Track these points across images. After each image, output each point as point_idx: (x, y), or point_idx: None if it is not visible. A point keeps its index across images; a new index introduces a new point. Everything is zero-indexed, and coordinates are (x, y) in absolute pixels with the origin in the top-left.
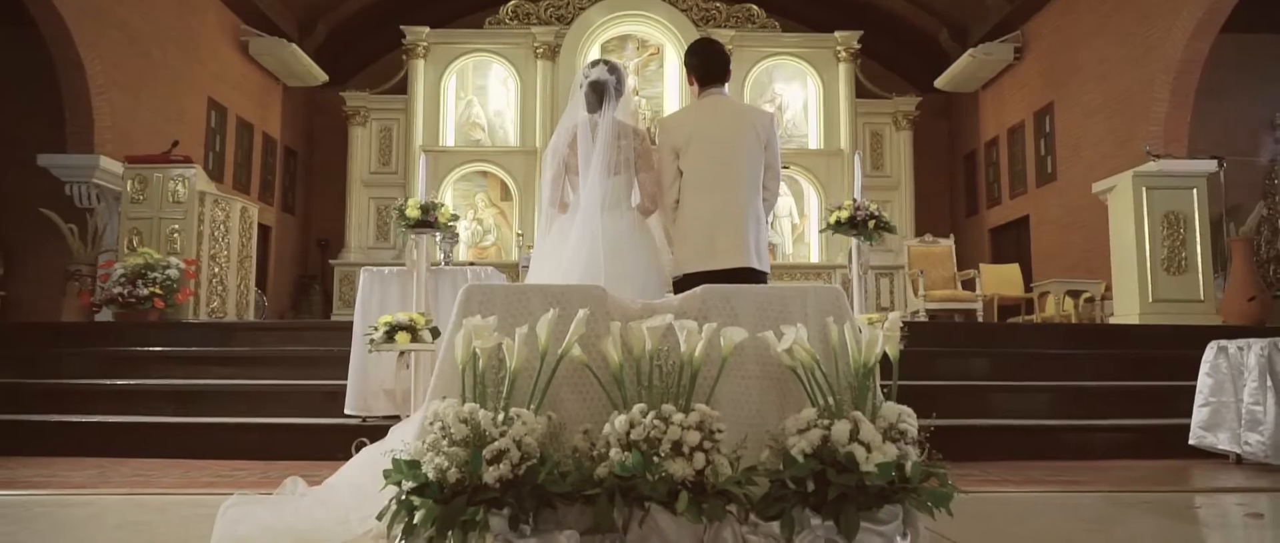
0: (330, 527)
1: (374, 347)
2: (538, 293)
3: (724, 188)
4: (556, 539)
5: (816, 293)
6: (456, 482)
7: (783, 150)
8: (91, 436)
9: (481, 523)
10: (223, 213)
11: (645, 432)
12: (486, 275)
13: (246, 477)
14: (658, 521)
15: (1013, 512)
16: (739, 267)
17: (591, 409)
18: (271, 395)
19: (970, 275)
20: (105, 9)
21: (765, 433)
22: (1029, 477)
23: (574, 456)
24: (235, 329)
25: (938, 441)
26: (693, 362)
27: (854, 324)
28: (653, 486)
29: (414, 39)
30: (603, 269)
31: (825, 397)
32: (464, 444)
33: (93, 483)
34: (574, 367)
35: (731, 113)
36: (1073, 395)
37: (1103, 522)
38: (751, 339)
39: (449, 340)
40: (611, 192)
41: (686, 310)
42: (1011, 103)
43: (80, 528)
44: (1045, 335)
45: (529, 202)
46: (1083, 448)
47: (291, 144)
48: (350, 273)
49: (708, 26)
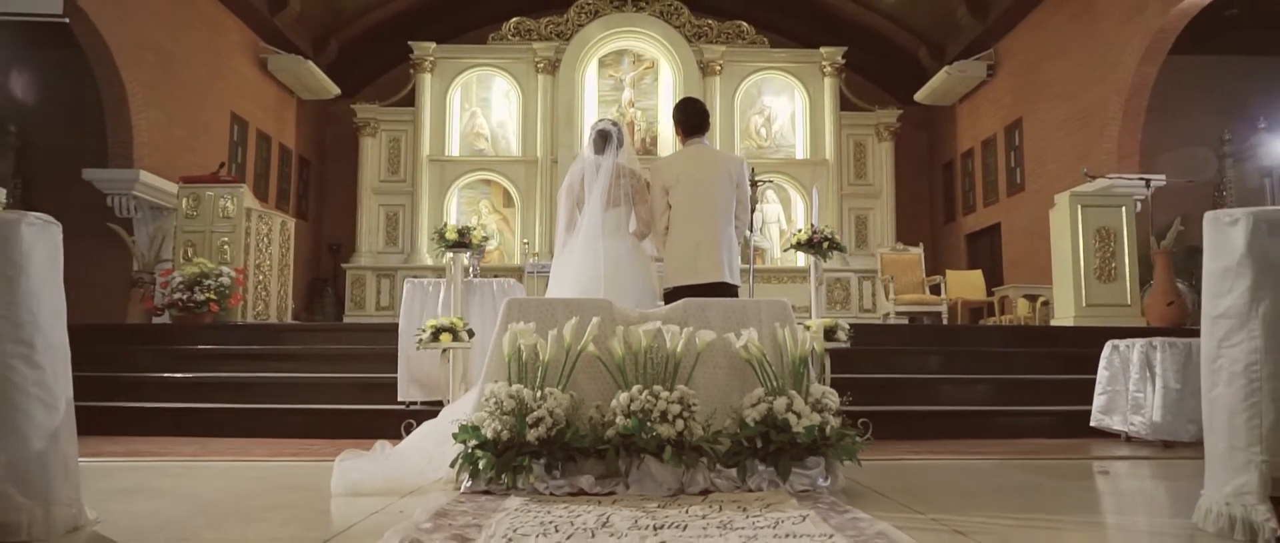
0: (411, 475)
1: (422, 345)
2: (562, 305)
3: (704, 219)
4: (579, 481)
5: (769, 305)
6: (507, 440)
7: (772, 160)
8: (166, 420)
9: (526, 468)
10: (266, 227)
11: (640, 404)
12: (509, 286)
13: (322, 448)
14: (650, 467)
15: (922, 469)
16: (716, 281)
17: (601, 389)
18: (312, 386)
19: (937, 281)
20: (143, 34)
21: (728, 406)
22: (955, 449)
23: (590, 422)
24: (280, 330)
25: (895, 424)
26: (675, 355)
27: (793, 329)
28: (646, 442)
29: (421, 54)
30: (603, 283)
31: (770, 380)
32: (512, 413)
33: (201, 452)
34: (589, 358)
35: (710, 159)
36: (1008, 386)
37: (985, 474)
38: (719, 339)
39: (496, 340)
40: (611, 220)
41: (671, 317)
42: (985, 116)
43: (223, 478)
44: (990, 335)
45: (530, 208)
46: (1012, 429)
47: (305, 154)
48: (361, 276)
49: (700, 42)
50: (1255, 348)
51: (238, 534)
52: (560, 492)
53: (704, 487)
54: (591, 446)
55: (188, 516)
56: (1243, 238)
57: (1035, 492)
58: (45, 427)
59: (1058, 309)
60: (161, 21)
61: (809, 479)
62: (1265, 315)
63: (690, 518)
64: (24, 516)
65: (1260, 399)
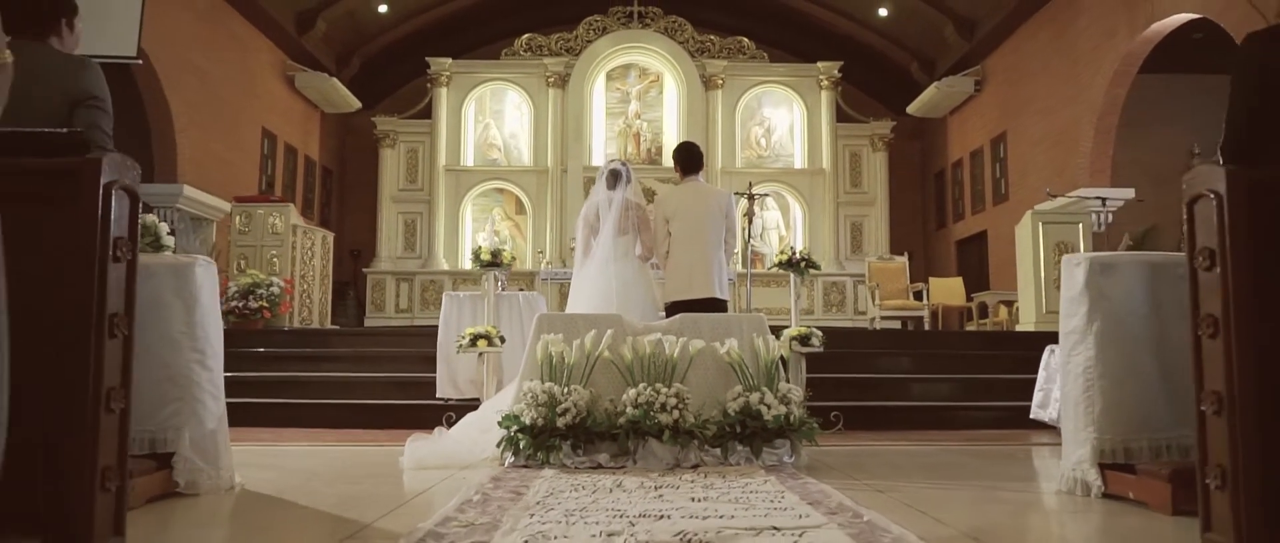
0: (464, 454)
1: (462, 349)
2: (582, 320)
3: (698, 245)
4: (597, 458)
5: (748, 319)
6: (541, 426)
7: (771, 169)
8: (239, 413)
9: (557, 448)
10: (310, 241)
11: (645, 398)
12: (533, 299)
13: (377, 437)
14: (652, 447)
15: (876, 452)
16: (708, 297)
17: (614, 386)
18: (360, 384)
19: (920, 287)
20: (185, 57)
21: (714, 399)
22: (913, 438)
23: (605, 412)
24: (326, 334)
25: (868, 417)
26: (672, 360)
27: (767, 339)
28: (649, 428)
29: (438, 69)
30: (615, 299)
31: (748, 379)
32: (545, 405)
33: (279, 439)
34: (604, 362)
35: (703, 194)
36: (969, 385)
37: (925, 456)
38: (707, 346)
39: (531, 348)
40: (620, 246)
41: (670, 329)
42: (973, 129)
43: (312, 459)
44: (959, 340)
45: (541, 215)
46: (968, 422)
47: (328, 164)
48: (381, 280)
49: (703, 57)
50: (1090, 356)
51: (351, 491)
52: (583, 466)
53: (695, 462)
54: (607, 430)
55: (304, 480)
56: (1083, 275)
57: (955, 468)
58: (215, 413)
59: (1022, 315)
60: (200, 45)
61: (777, 457)
62: (1098, 332)
63: (682, 483)
64: (204, 477)
65: (1093, 394)
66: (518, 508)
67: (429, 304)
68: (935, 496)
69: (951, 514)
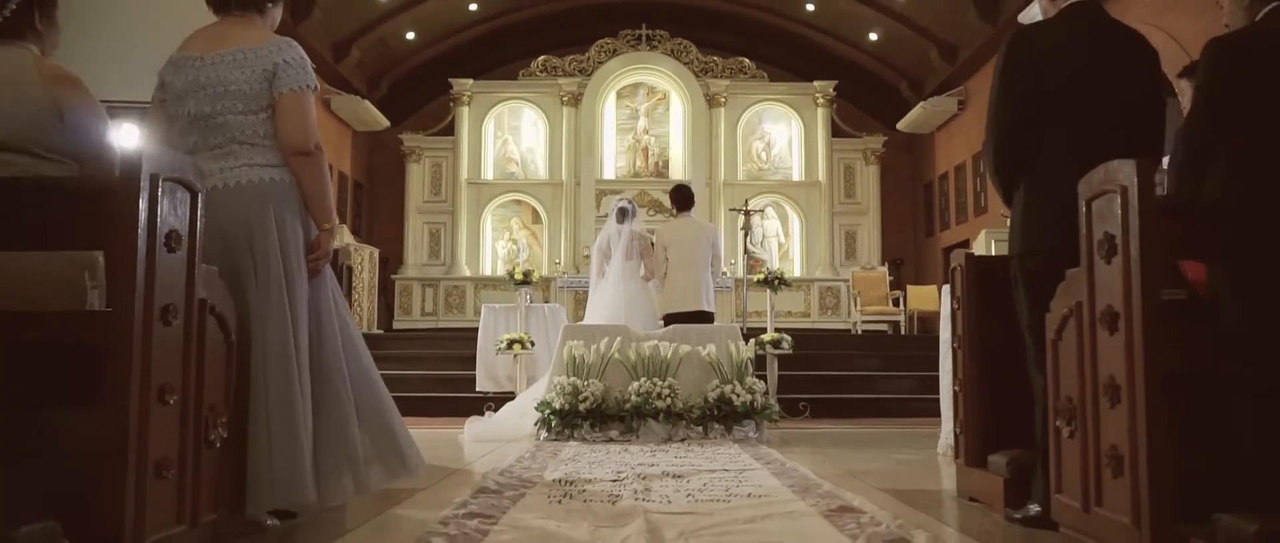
0: (508, 431)
1: (501, 351)
2: (598, 329)
3: (690, 268)
4: (609, 434)
5: (726, 329)
6: (568, 409)
7: (771, 181)
8: None
9: (579, 426)
10: (360, 256)
11: (646, 389)
12: (556, 311)
13: (432, 423)
14: (651, 426)
15: (832, 433)
16: (698, 310)
17: (622, 380)
18: (411, 380)
19: (897, 294)
20: None
21: (698, 390)
22: (870, 424)
23: (615, 400)
24: (379, 338)
25: (839, 407)
26: (666, 360)
27: (738, 345)
28: (649, 411)
29: (460, 89)
30: (624, 313)
31: (724, 375)
32: (571, 395)
33: None
34: (615, 361)
35: (695, 228)
36: (928, 380)
37: (869, 435)
38: (693, 350)
39: (559, 351)
40: (628, 269)
41: (665, 337)
42: (957, 145)
43: None
44: (923, 342)
45: (556, 225)
46: (922, 411)
47: (359, 178)
48: (408, 286)
49: (707, 77)
50: None
51: (434, 453)
52: (598, 440)
53: (683, 437)
54: (617, 413)
55: None
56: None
57: (880, 440)
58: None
59: None
60: None
61: (744, 433)
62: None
63: (672, 449)
64: None
65: None
66: (556, 462)
67: (453, 308)
68: (847, 454)
69: (849, 464)
